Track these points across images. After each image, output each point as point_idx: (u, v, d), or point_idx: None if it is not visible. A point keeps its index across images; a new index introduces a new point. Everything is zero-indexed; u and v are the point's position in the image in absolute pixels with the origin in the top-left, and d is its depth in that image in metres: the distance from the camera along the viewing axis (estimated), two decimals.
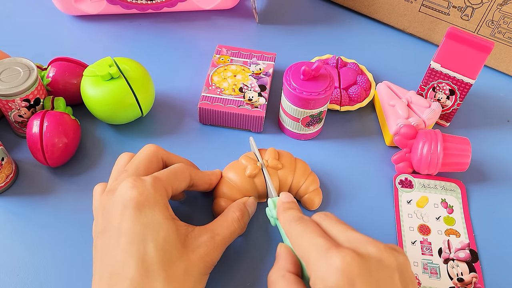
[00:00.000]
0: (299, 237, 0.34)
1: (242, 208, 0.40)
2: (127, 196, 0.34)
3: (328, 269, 0.30)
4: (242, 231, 0.40)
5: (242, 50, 0.55)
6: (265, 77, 0.52)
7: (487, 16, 0.56)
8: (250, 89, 0.51)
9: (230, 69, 0.53)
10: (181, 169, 0.39)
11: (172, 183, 0.37)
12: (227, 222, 0.38)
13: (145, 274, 0.32)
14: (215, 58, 0.54)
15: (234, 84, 0.51)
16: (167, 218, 0.35)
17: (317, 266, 0.31)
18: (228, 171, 0.44)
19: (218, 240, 0.36)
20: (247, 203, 0.41)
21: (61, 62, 0.50)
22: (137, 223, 0.33)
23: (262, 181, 0.43)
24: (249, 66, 0.53)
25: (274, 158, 0.44)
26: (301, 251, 0.33)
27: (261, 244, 0.43)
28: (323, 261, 0.30)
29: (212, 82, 0.51)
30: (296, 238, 0.34)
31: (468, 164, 0.46)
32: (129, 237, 0.33)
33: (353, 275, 0.29)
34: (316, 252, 0.31)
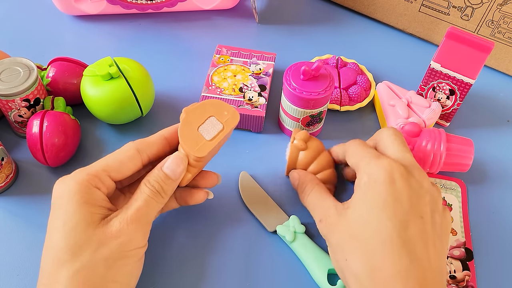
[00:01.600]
0: (357, 147, 0.39)
1: (154, 173, 0.37)
2: (53, 194, 0.35)
3: (376, 167, 0.35)
4: (163, 199, 0.36)
5: (242, 50, 0.55)
6: (265, 77, 0.52)
7: (487, 16, 0.56)
8: (250, 89, 0.51)
9: (230, 69, 0.53)
10: (122, 148, 0.37)
11: (107, 167, 0.36)
12: (139, 193, 0.36)
13: (56, 263, 0.33)
14: (215, 58, 0.54)
15: (234, 84, 0.51)
16: (81, 205, 0.33)
17: (367, 165, 0.36)
18: None
19: (131, 213, 0.34)
20: (164, 165, 0.37)
21: (61, 62, 0.50)
22: (53, 217, 0.34)
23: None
24: (249, 66, 0.53)
25: (303, 139, 0.44)
26: (355, 157, 0.38)
27: (261, 243, 0.43)
28: (373, 162, 0.36)
29: (212, 82, 0.51)
30: (354, 148, 0.39)
31: (469, 165, 0.46)
32: (47, 231, 0.34)
33: (394, 176, 0.34)
34: (369, 157, 0.37)
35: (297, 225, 0.42)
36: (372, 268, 0.32)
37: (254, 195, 0.45)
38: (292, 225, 0.42)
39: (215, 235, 0.43)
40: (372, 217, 0.34)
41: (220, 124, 0.38)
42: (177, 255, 0.42)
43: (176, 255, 0.42)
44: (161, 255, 0.41)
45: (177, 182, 0.37)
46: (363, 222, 0.34)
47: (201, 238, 0.43)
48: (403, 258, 0.32)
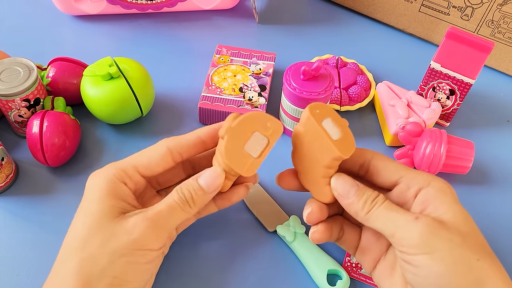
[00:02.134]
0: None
1: (188, 182, 0.36)
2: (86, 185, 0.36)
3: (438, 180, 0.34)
4: (191, 210, 0.35)
5: (242, 50, 0.55)
6: (265, 77, 0.52)
7: (487, 16, 0.56)
8: (250, 89, 0.51)
9: (230, 69, 0.53)
10: (155, 145, 0.37)
11: (135, 162, 0.36)
12: (168, 197, 0.35)
13: (67, 250, 0.33)
14: (215, 58, 0.54)
15: (234, 84, 0.51)
16: (104, 199, 0.34)
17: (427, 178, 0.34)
18: None
19: (151, 213, 0.34)
20: (200, 176, 0.36)
21: (61, 62, 0.50)
22: (79, 208, 0.35)
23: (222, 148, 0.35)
24: (249, 66, 0.53)
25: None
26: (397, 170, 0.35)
27: (262, 243, 0.43)
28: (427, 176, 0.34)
29: (212, 82, 0.51)
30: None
31: (469, 168, 0.46)
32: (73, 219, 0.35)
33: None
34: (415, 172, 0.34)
35: (297, 225, 0.42)
36: None
37: (254, 195, 0.45)
38: (292, 225, 0.42)
39: (214, 234, 0.43)
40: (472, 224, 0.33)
41: (265, 139, 0.35)
42: (177, 255, 0.42)
43: (176, 255, 0.42)
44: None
45: (210, 196, 0.36)
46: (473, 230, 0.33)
47: (201, 238, 0.43)
48: None
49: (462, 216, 0.32)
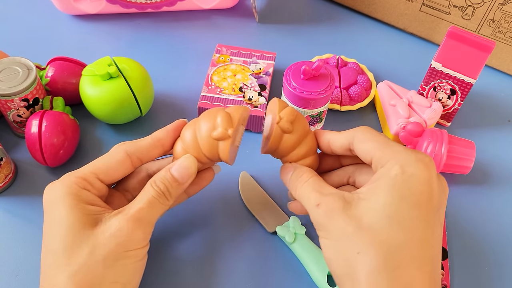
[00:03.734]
0: (375, 134, 0.34)
1: (161, 175, 0.36)
2: (44, 200, 0.35)
3: (414, 161, 0.32)
4: (168, 202, 0.35)
5: (242, 49, 0.55)
6: (265, 76, 0.52)
7: (488, 15, 0.56)
8: (250, 89, 0.51)
9: (230, 69, 0.53)
10: (111, 151, 0.36)
11: (94, 169, 0.35)
12: (143, 193, 0.35)
13: (53, 267, 0.32)
14: (215, 57, 0.54)
15: (234, 83, 0.51)
16: (73, 207, 0.33)
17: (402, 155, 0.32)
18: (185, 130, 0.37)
19: (132, 212, 0.33)
20: (172, 167, 0.36)
21: (60, 62, 0.49)
22: (47, 222, 0.34)
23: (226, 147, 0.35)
24: (249, 66, 0.53)
25: (289, 121, 0.37)
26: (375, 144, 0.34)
27: (261, 244, 0.43)
28: (411, 155, 0.32)
29: (212, 82, 0.51)
30: (371, 135, 0.34)
31: (470, 168, 0.46)
32: (43, 236, 0.34)
33: (433, 176, 0.32)
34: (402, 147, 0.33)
35: (297, 226, 0.42)
36: (395, 267, 0.29)
37: (254, 196, 0.45)
38: (292, 226, 0.42)
39: (214, 235, 0.43)
40: (401, 211, 0.30)
41: (243, 128, 0.38)
42: (177, 256, 0.41)
43: (176, 255, 0.41)
44: (161, 256, 0.41)
45: (184, 186, 0.36)
46: (387, 214, 0.30)
47: (201, 239, 0.43)
48: (429, 264, 0.30)
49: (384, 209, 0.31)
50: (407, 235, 0.30)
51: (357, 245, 0.30)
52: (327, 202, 0.33)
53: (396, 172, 0.31)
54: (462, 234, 0.45)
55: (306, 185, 0.35)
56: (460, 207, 0.47)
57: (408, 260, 0.29)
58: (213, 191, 0.46)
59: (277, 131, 0.37)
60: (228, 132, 0.35)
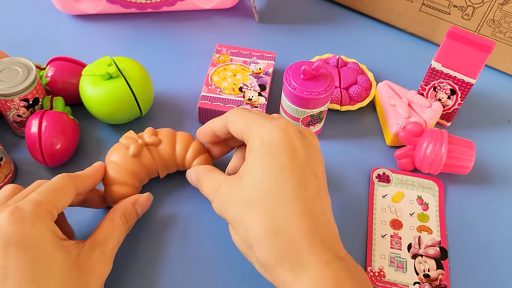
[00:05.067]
0: (241, 112, 0.37)
1: (129, 210, 0.39)
2: (7, 232, 0.30)
3: (270, 129, 0.34)
4: (127, 232, 0.39)
5: (242, 49, 0.55)
6: (265, 76, 0.52)
7: (488, 15, 0.56)
8: (250, 89, 0.51)
9: (229, 69, 0.53)
10: (63, 182, 0.36)
11: (55, 202, 0.34)
12: (113, 229, 0.37)
13: None
14: (215, 57, 0.54)
15: (234, 83, 0.51)
16: (56, 245, 0.32)
17: (260, 127, 0.35)
18: (111, 155, 0.42)
19: (108, 252, 0.36)
20: (138, 203, 0.40)
21: (60, 62, 0.49)
22: (25, 261, 0.30)
23: (149, 157, 0.42)
24: (249, 66, 0.53)
25: (152, 134, 0.43)
26: (242, 122, 0.36)
27: None
28: (267, 124, 0.35)
29: (212, 82, 0.51)
30: (239, 114, 0.37)
31: (470, 168, 0.46)
32: (18, 278, 0.30)
33: (291, 135, 0.34)
34: (261, 118, 0.36)
35: None
36: (276, 230, 0.32)
37: None
38: None
39: (214, 234, 0.43)
40: (270, 179, 0.33)
41: None
42: (176, 255, 0.41)
43: (175, 254, 0.41)
44: (160, 254, 0.41)
45: None
46: (260, 186, 0.33)
47: (200, 238, 0.43)
48: (307, 217, 0.32)
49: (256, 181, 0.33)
50: (280, 198, 0.32)
51: (243, 224, 0.33)
52: (217, 197, 0.36)
53: (257, 144, 0.34)
54: (462, 234, 0.45)
55: (204, 185, 0.39)
56: (460, 207, 0.47)
57: (284, 222, 0.32)
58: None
59: (153, 150, 0.43)
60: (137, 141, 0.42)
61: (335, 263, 0.31)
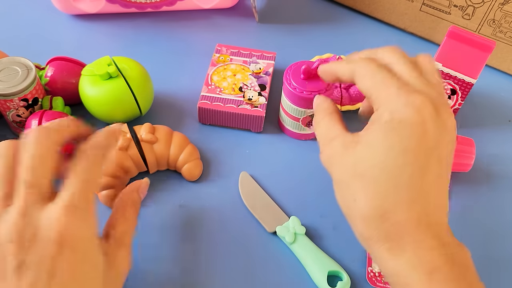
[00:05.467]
0: (373, 69, 0.34)
1: (136, 199, 0.38)
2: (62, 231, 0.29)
3: (404, 105, 0.31)
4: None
5: (242, 49, 0.55)
6: (265, 76, 0.52)
7: (488, 15, 0.55)
8: (250, 89, 0.51)
9: (229, 69, 0.52)
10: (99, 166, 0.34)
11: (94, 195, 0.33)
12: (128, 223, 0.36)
13: None
14: (215, 57, 0.54)
15: (234, 83, 0.51)
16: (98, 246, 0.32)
17: (394, 99, 0.32)
18: None
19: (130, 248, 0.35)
20: (140, 190, 0.39)
21: (60, 62, 0.49)
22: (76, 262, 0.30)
23: (136, 152, 0.44)
24: (249, 66, 0.53)
25: (149, 132, 0.44)
26: (372, 82, 0.33)
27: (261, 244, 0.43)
28: (402, 97, 0.31)
29: (212, 82, 0.51)
30: (369, 70, 0.34)
31: (471, 165, 0.46)
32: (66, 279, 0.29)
33: (425, 118, 0.31)
34: (396, 87, 0.32)
35: (297, 226, 0.42)
36: (384, 211, 0.31)
37: (254, 196, 0.45)
38: (292, 226, 0.42)
39: (214, 235, 0.43)
40: (389, 160, 0.31)
41: None
42: (176, 255, 0.41)
43: (175, 255, 0.41)
44: (160, 255, 0.41)
45: None
46: (377, 164, 0.31)
47: (200, 238, 0.42)
48: (417, 205, 0.31)
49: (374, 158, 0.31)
50: (393, 182, 0.31)
51: (352, 192, 0.32)
52: (327, 150, 0.35)
53: (385, 119, 0.32)
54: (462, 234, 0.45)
55: (319, 127, 0.37)
56: (461, 207, 0.47)
57: (393, 205, 0.31)
58: (213, 191, 0.46)
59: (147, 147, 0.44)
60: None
61: (436, 249, 0.30)
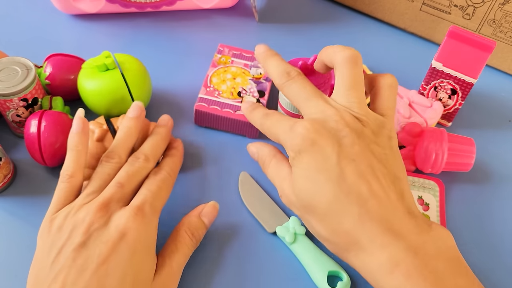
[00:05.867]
0: (270, 128, 0.38)
1: (194, 223, 0.39)
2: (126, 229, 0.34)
3: (293, 139, 0.35)
4: (197, 246, 0.40)
5: (244, 51, 0.54)
6: (265, 82, 0.51)
7: (488, 15, 0.55)
8: (249, 94, 0.50)
9: (230, 71, 0.52)
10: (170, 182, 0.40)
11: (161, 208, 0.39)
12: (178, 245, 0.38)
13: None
14: (216, 57, 0.53)
15: (233, 87, 0.50)
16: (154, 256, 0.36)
17: (286, 140, 0.36)
18: None
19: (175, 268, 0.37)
20: (203, 213, 0.40)
21: (58, 57, 0.49)
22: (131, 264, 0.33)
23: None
24: (250, 70, 0.52)
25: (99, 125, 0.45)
26: (275, 137, 0.38)
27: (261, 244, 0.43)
28: (290, 134, 0.35)
29: (211, 84, 0.50)
30: (269, 129, 0.38)
31: (471, 165, 0.46)
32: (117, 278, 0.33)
33: (312, 138, 0.34)
34: (284, 131, 0.36)
35: (297, 226, 0.42)
36: (332, 229, 0.34)
37: (254, 196, 0.45)
38: (292, 226, 0.42)
39: (213, 235, 0.43)
40: (310, 187, 0.34)
41: None
42: None
43: None
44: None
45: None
46: (305, 195, 0.34)
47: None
48: (353, 207, 0.33)
49: None
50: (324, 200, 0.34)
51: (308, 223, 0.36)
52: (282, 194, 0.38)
53: (291, 157, 0.36)
54: (462, 234, 0.45)
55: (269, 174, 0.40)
56: (461, 207, 0.47)
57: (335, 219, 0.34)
58: (213, 191, 0.46)
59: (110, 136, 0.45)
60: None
61: (391, 245, 0.31)
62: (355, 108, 0.36)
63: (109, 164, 0.39)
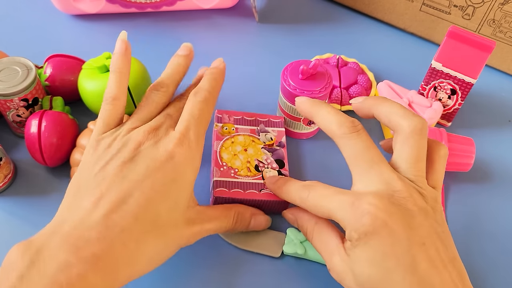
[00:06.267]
0: (318, 202, 0.35)
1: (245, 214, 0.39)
2: (171, 153, 0.34)
3: (359, 220, 0.31)
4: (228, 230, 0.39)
5: (246, 114, 0.47)
6: (279, 149, 0.45)
7: (488, 15, 0.55)
8: (268, 166, 0.43)
9: (238, 142, 0.45)
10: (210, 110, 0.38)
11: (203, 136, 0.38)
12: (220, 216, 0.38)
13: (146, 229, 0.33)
14: (218, 128, 0.45)
15: (248, 161, 0.43)
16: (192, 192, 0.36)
17: (348, 219, 0.32)
18: (80, 139, 0.44)
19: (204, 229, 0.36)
20: (255, 216, 0.40)
21: (58, 58, 0.50)
22: (172, 185, 0.34)
23: None
24: (258, 136, 0.46)
25: None
26: (326, 214, 0.34)
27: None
28: (352, 213, 0.32)
29: (223, 162, 0.43)
30: (315, 205, 0.35)
31: (471, 165, 0.46)
32: (156, 188, 0.33)
33: (383, 219, 0.31)
34: (341, 208, 0.33)
35: (298, 234, 0.41)
36: None
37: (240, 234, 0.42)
38: (294, 237, 0.40)
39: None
40: (377, 273, 0.31)
41: None
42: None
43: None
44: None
45: None
46: (368, 279, 0.32)
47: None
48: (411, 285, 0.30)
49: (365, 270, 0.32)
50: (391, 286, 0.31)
51: None
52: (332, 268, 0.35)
53: (355, 238, 0.32)
54: (463, 234, 0.45)
55: (314, 242, 0.37)
56: (461, 207, 0.47)
57: None
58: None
59: None
60: None
61: None
62: (420, 183, 0.34)
63: (156, 92, 0.38)
